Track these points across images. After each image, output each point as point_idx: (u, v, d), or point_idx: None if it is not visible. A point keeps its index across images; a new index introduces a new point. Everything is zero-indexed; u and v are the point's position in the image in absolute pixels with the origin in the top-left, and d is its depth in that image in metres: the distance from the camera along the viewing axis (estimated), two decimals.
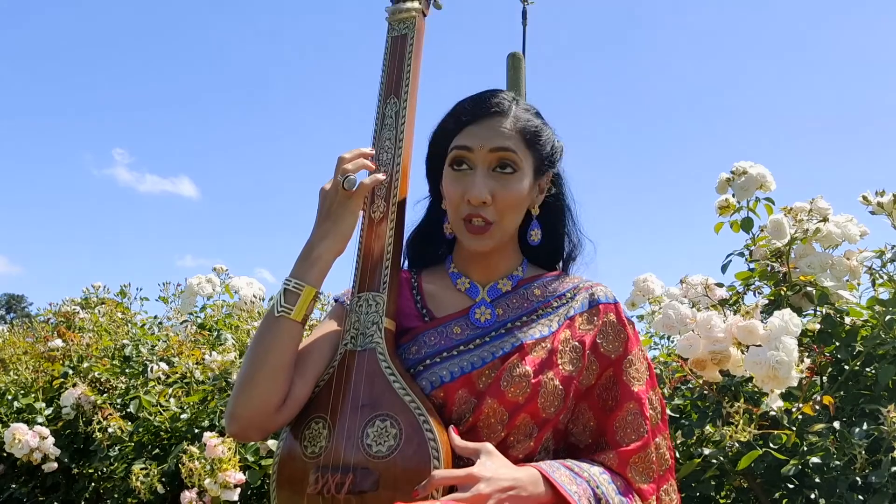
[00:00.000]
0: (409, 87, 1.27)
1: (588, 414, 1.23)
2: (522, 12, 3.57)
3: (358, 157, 1.21)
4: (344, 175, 1.18)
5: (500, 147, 1.21)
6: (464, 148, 1.22)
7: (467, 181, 1.21)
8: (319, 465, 1.11)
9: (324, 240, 1.18)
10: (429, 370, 1.18)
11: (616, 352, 1.24)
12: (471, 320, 1.24)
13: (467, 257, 1.29)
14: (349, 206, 1.19)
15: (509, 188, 1.21)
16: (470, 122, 1.23)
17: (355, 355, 1.17)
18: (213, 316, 3.34)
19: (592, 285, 1.30)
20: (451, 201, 1.24)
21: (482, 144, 1.21)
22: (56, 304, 4.17)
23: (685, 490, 1.85)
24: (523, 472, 1.08)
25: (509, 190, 1.21)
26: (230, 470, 2.10)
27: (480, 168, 1.21)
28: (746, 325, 1.60)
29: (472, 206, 1.20)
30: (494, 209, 1.21)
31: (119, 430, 2.67)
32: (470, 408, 1.16)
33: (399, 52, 1.29)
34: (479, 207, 1.20)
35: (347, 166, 1.19)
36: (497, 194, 1.20)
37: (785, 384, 1.56)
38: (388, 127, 1.27)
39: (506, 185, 1.21)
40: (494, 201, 1.20)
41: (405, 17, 1.31)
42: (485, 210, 1.20)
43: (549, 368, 1.18)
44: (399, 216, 1.24)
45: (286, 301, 1.16)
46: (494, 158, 1.21)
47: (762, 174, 2.16)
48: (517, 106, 1.25)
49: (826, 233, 1.99)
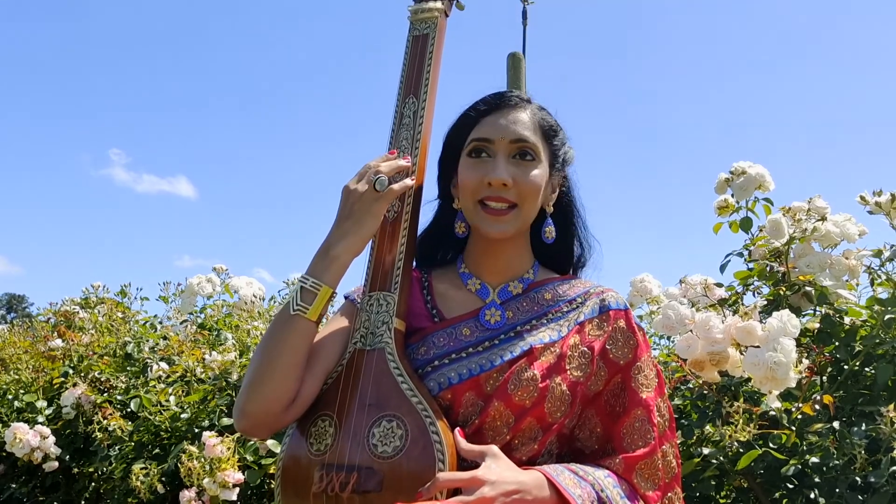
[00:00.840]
0: (429, 88, 1.27)
1: (595, 420, 1.22)
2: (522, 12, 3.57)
3: (394, 163, 1.20)
4: (376, 174, 1.17)
5: (521, 138, 1.22)
6: (483, 140, 1.22)
7: (486, 167, 1.21)
8: (324, 463, 1.11)
9: (343, 239, 1.17)
10: (437, 371, 1.18)
11: (625, 358, 1.23)
12: (481, 322, 1.24)
13: (479, 256, 1.29)
14: (374, 208, 1.17)
15: (529, 174, 1.21)
16: (489, 113, 1.24)
17: (364, 354, 1.17)
18: (213, 316, 3.34)
19: (603, 290, 1.29)
20: (467, 187, 1.23)
21: (503, 136, 1.22)
22: (56, 304, 4.17)
23: (685, 490, 1.85)
24: (528, 475, 1.08)
25: (530, 176, 1.21)
26: (229, 469, 2.11)
27: (501, 155, 1.22)
28: (745, 326, 1.60)
29: (492, 188, 1.20)
30: (516, 191, 1.21)
31: (119, 430, 2.67)
32: (476, 410, 1.16)
33: (420, 52, 1.29)
34: (499, 190, 1.20)
35: (382, 167, 1.19)
36: (518, 179, 1.20)
37: (783, 385, 1.57)
38: (405, 127, 1.27)
39: (526, 171, 1.21)
40: (515, 185, 1.20)
41: (427, 17, 1.31)
42: (506, 192, 1.20)
43: (557, 373, 1.18)
44: (413, 217, 1.24)
45: (302, 300, 1.15)
46: (515, 148, 1.22)
47: (761, 174, 2.16)
48: (533, 104, 1.28)
49: (825, 232, 2.00)
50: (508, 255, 1.28)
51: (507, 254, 1.28)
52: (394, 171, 1.19)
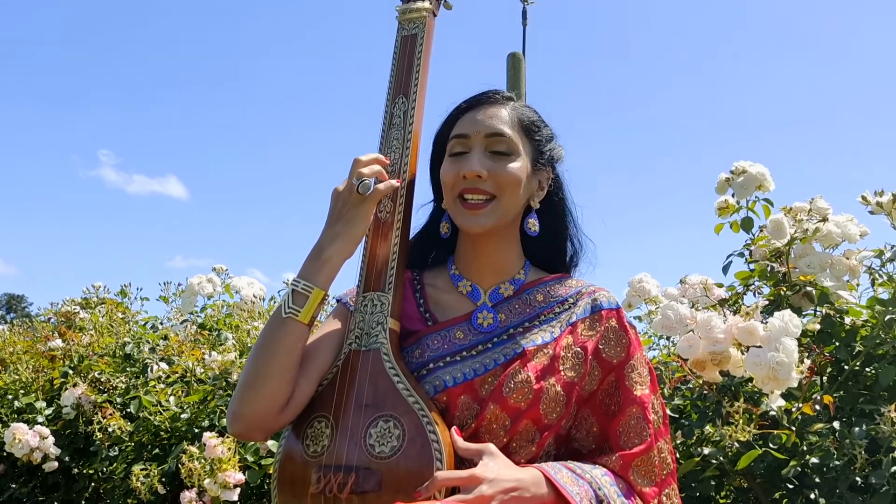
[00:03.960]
0: (418, 87, 1.28)
1: (591, 419, 1.23)
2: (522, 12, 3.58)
3: (374, 162, 1.20)
4: (359, 179, 1.17)
5: (496, 132, 1.23)
6: (461, 136, 1.24)
7: (462, 163, 1.23)
8: (322, 464, 1.11)
9: (334, 242, 1.17)
10: (432, 374, 1.18)
11: (618, 357, 1.24)
12: (473, 325, 1.24)
13: (468, 257, 1.29)
14: (362, 210, 1.17)
15: (505, 167, 1.22)
16: (467, 110, 1.26)
17: (360, 355, 1.17)
18: (214, 316, 3.34)
19: (595, 290, 1.30)
20: (446, 184, 1.24)
21: (478, 130, 1.23)
22: (56, 304, 4.17)
23: (685, 490, 1.85)
24: (526, 472, 1.08)
25: (505, 169, 1.22)
26: (230, 470, 2.10)
27: (476, 149, 1.23)
28: (746, 326, 1.60)
29: (466, 180, 1.21)
30: (493, 183, 1.21)
31: (119, 430, 2.67)
32: (472, 413, 1.16)
33: (409, 52, 1.30)
34: (474, 181, 1.21)
35: (363, 170, 1.18)
36: (493, 171, 1.21)
37: (785, 385, 1.57)
38: (396, 127, 1.27)
39: (502, 164, 1.23)
40: (491, 177, 1.21)
41: (415, 17, 1.31)
42: (482, 184, 1.21)
43: (550, 375, 1.18)
44: (406, 217, 1.24)
45: (294, 302, 1.15)
46: (490, 143, 1.23)
47: (762, 173, 2.16)
48: (516, 101, 1.28)
49: (826, 232, 1.99)
50: (496, 254, 1.28)
51: (495, 253, 1.28)
52: (374, 172, 1.19)
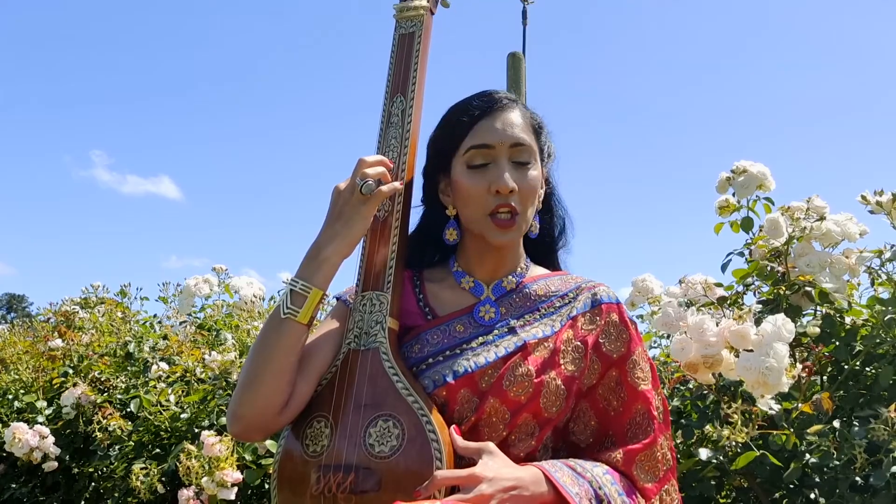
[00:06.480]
0: (416, 86, 1.27)
1: (589, 413, 1.23)
2: (522, 12, 3.58)
3: (379, 164, 1.20)
4: (363, 179, 1.16)
5: (519, 142, 1.22)
6: (483, 146, 1.21)
7: (490, 175, 1.20)
8: (321, 464, 1.11)
9: (332, 241, 1.17)
10: (431, 369, 1.18)
11: (618, 352, 1.24)
12: (475, 318, 1.24)
13: (475, 256, 1.29)
14: (362, 210, 1.17)
15: (529, 178, 1.22)
16: (482, 117, 1.23)
17: (359, 354, 1.17)
18: (213, 316, 3.34)
19: (595, 285, 1.30)
20: (473, 198, 1.21)
21: (502, 140, 1.21)
22: (56, 304, 4.17)
23: (685, 490, 1.85)
24: (525, 471, 1.08)
25: (529, 179, 1.22)
26: (227, 469, 2.10)
27: (502, 160, 1.21)
28: (738, 330, 1.59)
29: (500, 196, 1.20)
30: (518, 197, 1.21)
31: (119, 430, 2.67)
32: (472, 407, 1.16)
33: (406, 51, 1.29)
34: (507, 197, 1.20)
35: (368, 171, 1.17)
36: (519, 184, 1.21)
37: (775, 390, 1.56)
38: (394, 125, 1.27)
39: (526, 176, 1.22)
40: (518, 191, 1.21)
41: (413, 15, 1.30)
42: (512, 198, 1.20)
43: (551, 368, 1.18)
44: (404, 215, 1.24)
45: (292, 303, 1.15)
46: (514, 153, 1.22)
47: (762, 172, 2.16)
48: (519, 101, 1.28)
49: (825, 231, 1.99)
50: (507, 254, 1.29)
51: (506, 254, 1.28)
52: (379, 174, 1.18)
